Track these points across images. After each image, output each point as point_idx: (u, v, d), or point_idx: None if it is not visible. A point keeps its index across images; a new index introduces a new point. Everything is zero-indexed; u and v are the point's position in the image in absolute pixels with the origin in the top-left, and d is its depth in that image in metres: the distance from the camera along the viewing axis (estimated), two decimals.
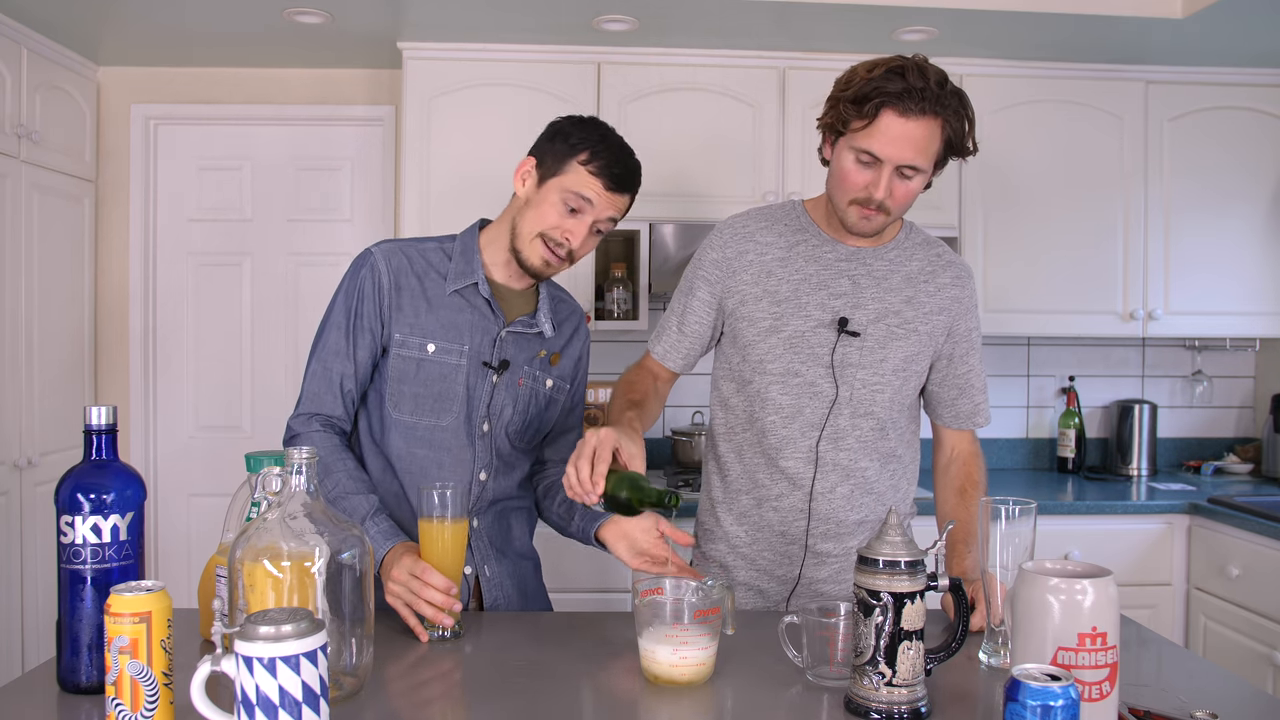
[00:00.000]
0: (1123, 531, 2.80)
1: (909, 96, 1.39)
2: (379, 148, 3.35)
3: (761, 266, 1.61)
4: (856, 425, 1.58)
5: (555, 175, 1.54)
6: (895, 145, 1.42)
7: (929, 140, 1.43)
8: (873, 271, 1.59)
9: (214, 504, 3.25)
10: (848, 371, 1.57)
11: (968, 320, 1.63)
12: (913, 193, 1.48)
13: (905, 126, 1.41)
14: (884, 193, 1.45)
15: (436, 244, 1.63)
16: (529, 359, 1.63)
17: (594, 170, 1.52)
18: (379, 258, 1.58)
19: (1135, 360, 3.48)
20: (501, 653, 1.35)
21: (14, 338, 2.82)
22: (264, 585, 1.06)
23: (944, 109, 1.42)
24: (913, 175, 1.45)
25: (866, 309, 1.57)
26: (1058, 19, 2.66)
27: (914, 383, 1.62)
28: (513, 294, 1.64)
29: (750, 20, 2.68)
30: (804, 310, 1.57)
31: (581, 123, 1.57)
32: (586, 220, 1.54)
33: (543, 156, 1.57)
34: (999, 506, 1.25)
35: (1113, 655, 1.00)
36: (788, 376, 1.58)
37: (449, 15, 2.70)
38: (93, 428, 1.17)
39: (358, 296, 1.57)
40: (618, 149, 1.56)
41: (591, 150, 1.53)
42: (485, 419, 1.59)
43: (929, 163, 1.45)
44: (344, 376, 1.56)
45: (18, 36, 2.78)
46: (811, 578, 1.63)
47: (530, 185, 1.57)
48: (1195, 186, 3.11)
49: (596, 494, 1.32)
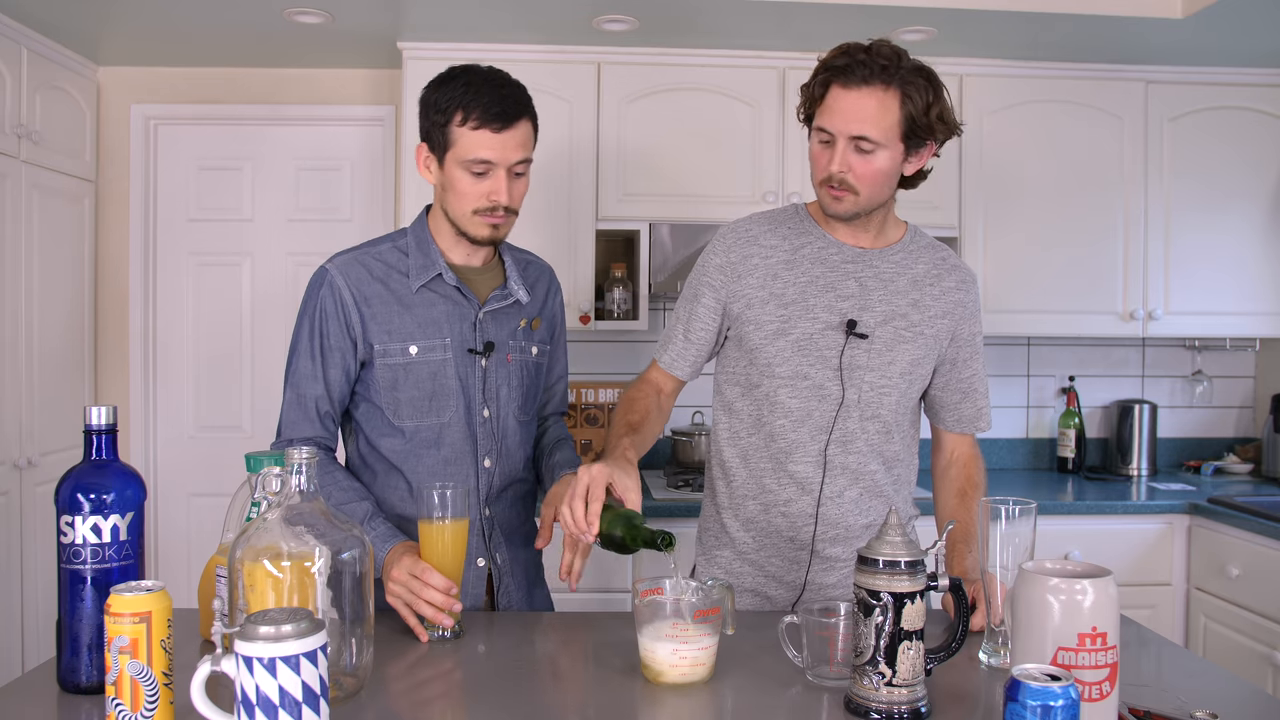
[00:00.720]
0: (1123, 531, 2.80)
1: (851, 68, 1.44)
2: (379, 148, 3.35)
3: (767, 270, 1.59)
4: (864, 428, 1.58)
5: (448, 149, 1.50)
6: (842, 116, 1.45)
7: (880, 111, 1.44)
8: (879, 274, 1.59)
9: (214, 504, 3.24)
10: (855, 374, 1.56)
11: (971, 325, 1.63)
12: (878, 170, 1.48)
13: (850, 97, 1.44)
14: (839, 165, 1.46)
15: (390, 243, 1.61)
16: (511, 333, 1.63)
17: (475, 124, 1.47)
18: (335, 274, 1.56)
19: (1135, 360, 3.48)
20: (501, 653, 1.35)
21: (14, 337, 2.82)
22: (264, 585, 1.06)
23: (895, 80, 1.44)
24: (871, 149, 1.46)
25: (874, 311, 1.57)
26: (1057, 19, 2.66)
27: (918, 386, 1.62)
28: (477, 272, 1.62)
29: (750, 20, 2.68)
30: (811, 312, 1.56)
31: (442, 83, 1.51)
32: (500, 173, 1.50)
33: (428, 136, 1.53)
34: (999, 506, 1.25)
35: (1113, 655, 1.00)
36: (796, 380, 1.56)
37: (449, 15, 2.70)
38: (93, 428, 1.17)
39: (320, 316, 1.55)
40: (486, 88, 1.48)
41: (462, 107, 1.47)
42: (484, 405, 1.59)
43: (885, 135, 1.45)
44: (318, 399, 1.55)
45: (18, 36, 2.78)
46: (820, 583, 1.62)
47: (435, 169, 1.54)
48: (1195, 186, 3.11)
49: (592, 534, 1.32)
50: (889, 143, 1.46)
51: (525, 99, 1.52)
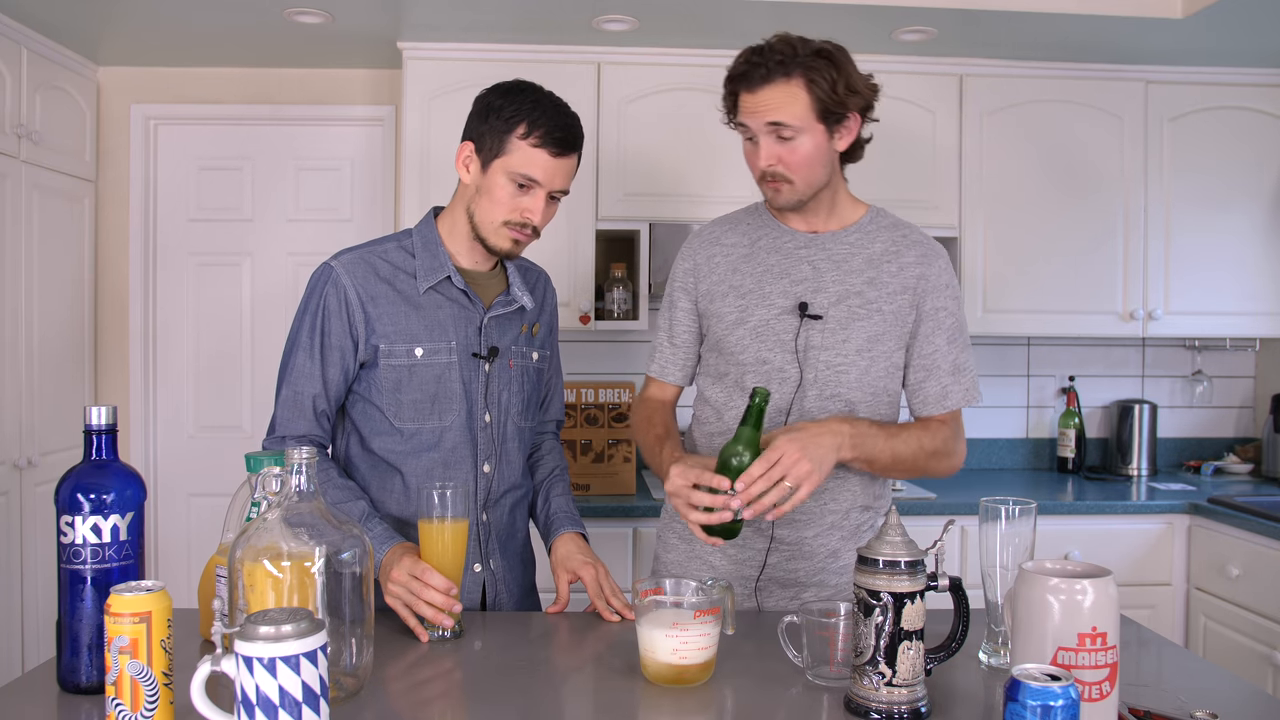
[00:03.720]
0: (1123, 531, 2.80)
1: (749, 73, 1.50)
2: (379, 148, 3.35)
3: (728, 265, 1.65)
4: (824, 407, 1.57)
5: (498, 156, 1.50)
6: (754, 115, 1.51)
7: (788, 99, 1.48)
8: (832, 255, 1.60)
9: (214, 504, 3.24)
10: (812, 354, 1.57)
11: (935, 299, 1.59)
12: (805, 156, 1.51)
13: (756, 98, 1.50)
14: (766, 159, 1.51)
15: (395, 243, 1.60)
16: (514, 339, 1.63)
17: (536, 141, 1.48)
18: (341, 272, 1.54)
19: (1135, 360, 3.48)
20: (501, 653, 1.35)
21: (14, 337, 2.82)
22: (264, 585, 1.06)
23: (794, 69, 1.48)
24: (792, 136, 1.49)
25: (828, 292, 1.58)
26: (1057, 19, 2.66)
27: (883, 363, 1.59)
28: (483, 277, 1.62)
29: (750, 20, 2.68)
30: (768, 299, 1.60)
31: (509, 92, 1.52)
32: (541, 194, 1.52)
33: (479, 138, 1.52)
34: (999, 506, 1.25)
35: (1113, 655, 1.00)
36: (758, 365, 1.60)
37: (449, 15, 2.70)
38: (93, 428, 1.17)
39: (323, 314, 1.54)
40: (553, 111, 1.51)
41: (528, 121, 1.48)
42: (486, 410, 1.59)
43: (801, 121, 1.48)
44: (315, 397, 1.54)
45: (18, 36, 2.78)
46: (789, 570, 1.61)
47: (475, 171, 1.54)
48: (1195, 186, 3.11)
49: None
50: (807, 127, 1.50)
51: (582, 133, 1.56)
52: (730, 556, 1.64)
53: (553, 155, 1.49)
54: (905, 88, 2.97)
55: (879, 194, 2.93)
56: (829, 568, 1.61)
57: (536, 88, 1.53)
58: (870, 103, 1.55)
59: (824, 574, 1.62)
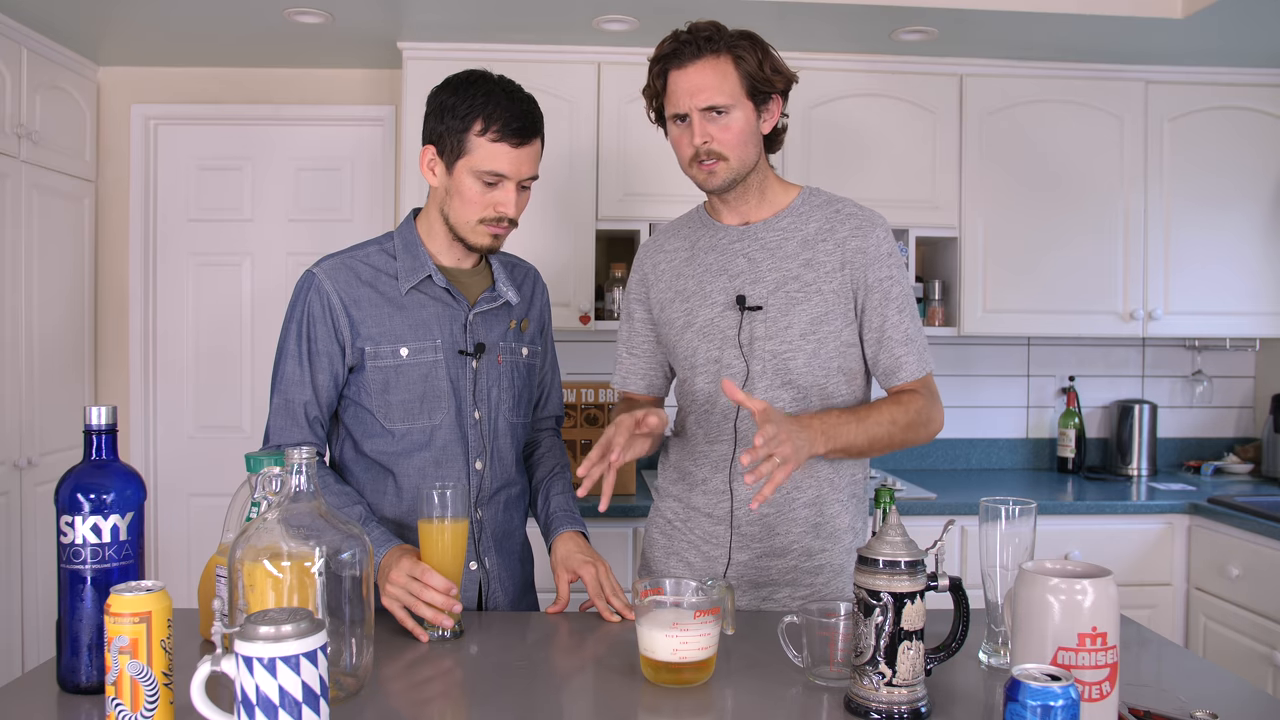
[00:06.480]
0: (1123, 531, 2.80)
1: (680, 50, 1.52)
2: (379, 148, 3.35)
3: (672, 270, 1.68)
4: (777, 398, 1.57)
5: (460, 157, 1.50)
6: (689, 93, 1.52)
7: (719, 77, 1.51)
8: (765, 244, 1.60)
9: (214, 504, 3.24)
10: (756, 345, 1.58)
11: (877, 270, 1.56)
12: (738, 131, 1.53)
13: (689, 74, 1.52)
14: (700, 137, 1.52)
15: (376, 246, 1.61)
16: (502, 334, 1.63)
17: (495, 136, 1.48)
18: (322, 278, 1.55)
19: (1135, 360, 3.48)
20: (501, 653, 1.35)
21: (14, 337, 2.82)
22: (264, 585, 1.06)
23: (722, 47, 1.51)
24: (725, 111, 1.51)
25: (764, 281, 1.58)
26: (1057, 19, 2.66)
27: (832, 343, 1.57)
28: (466, 274, 1.62)
29: (750, 20, 2.67)
30: (709, 299, 1.62)
31: (459, 88, 1.50)
32: (511, 186, 1.52)
33: (439, 140, 1.52)
34: (999, 506, 1.25)
35: (1113, 655, 1.00)
36: (709, 365, 1.61)
37: (449, 15, 2.70)
38: (93, 428, 1.17)
39: (308, 321, 1.54)
40: (507, 101, 1.49)
41: (484, 116, 1.47)
42: (475, 407, 1.59)
43: (733, 96, 1.51)
44: (306, 404, 1.55)
45: (18, 36, 2.78)
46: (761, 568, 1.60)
47: (441, 174, 1.54)
48: (1195, 186, 3.11)
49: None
50: (738, 102, 1.52)
51: (541, 115, 1.54)
52: (703, 553, 1.64)
53: (514, 146, 1.49)
54: (905, 88, 2.96)
55: (879, 194, 2.95)
56: (803, 566, 1.61)
57: (487, 76, 1.52)
58: (789, 85, 1.58)
59: (797, 573, 1.61)
